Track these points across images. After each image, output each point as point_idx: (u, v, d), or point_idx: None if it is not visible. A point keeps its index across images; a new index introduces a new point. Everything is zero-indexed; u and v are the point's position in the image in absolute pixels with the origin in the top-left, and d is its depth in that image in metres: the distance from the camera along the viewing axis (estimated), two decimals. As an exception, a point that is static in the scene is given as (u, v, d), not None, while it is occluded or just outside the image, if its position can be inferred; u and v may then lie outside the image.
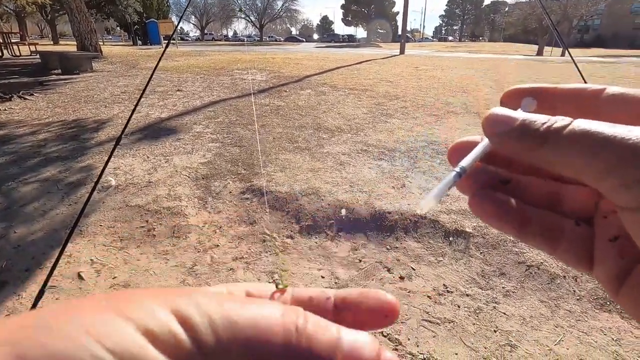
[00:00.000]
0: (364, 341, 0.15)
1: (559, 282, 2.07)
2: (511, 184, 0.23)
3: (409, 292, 2.01)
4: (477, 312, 1.88)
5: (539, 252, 2.24)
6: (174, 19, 40.84)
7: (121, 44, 32.92)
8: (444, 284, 2.07)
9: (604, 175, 0.17)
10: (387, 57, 16.17)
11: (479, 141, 0.23)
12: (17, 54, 14.04)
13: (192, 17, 59.92)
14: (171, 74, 9.15)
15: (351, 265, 2.23)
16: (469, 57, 18.64)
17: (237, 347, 0.13)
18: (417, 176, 3.34)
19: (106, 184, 3.10)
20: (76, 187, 3.12)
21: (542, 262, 2.19)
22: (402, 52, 19.98)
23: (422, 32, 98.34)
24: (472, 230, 2.47)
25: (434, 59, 15.87)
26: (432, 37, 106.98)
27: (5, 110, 5.62)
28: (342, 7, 65.27)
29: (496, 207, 0.22)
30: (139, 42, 28.71)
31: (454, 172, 0.21)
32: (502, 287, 2.05)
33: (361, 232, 2.54)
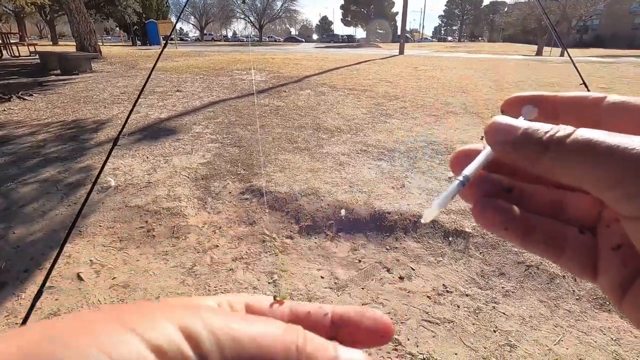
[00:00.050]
0: None
1: (558, 282, 2.07)
2: (514, 192, 0.23)
3: (408, 292, 2.01)
4: (477, 312, 1.88)
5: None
6: (173, 19, 40.82)
7: (120, 44, 32.91)
8: (443, 284, 2.07)
9: (607, 185, 0.17)
10: (387, 58, 16.18)
11: (481, 149, 0.23)
12: (16, 54, 14.04)
13: (192, 17, 59.99)
14: (170, 74, 9.14)
15: (351, 265, 2.23)
16: (468, 57, 18.65)
17: None
18: (417, 176, 3.34)
19: (105, 185, 3.10)
20: (75, 187, 3.12)
21: (541, 262, 2.19)
22: (401, 52, 19.99)
23: (421, 32, 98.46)
24: (472, 230, 2.47)
25: (433, 59, 15.88)
26: (432, 37, 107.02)
27: (4, 111, 5.61)
28: (342, 7, 65.30)
29: (500, 215, 0.22)
30: (139, 42, 28.72)
31: (458, 180, 0.21)
32: (502, 287, 2.05)
33: (361, 233, 2.54)
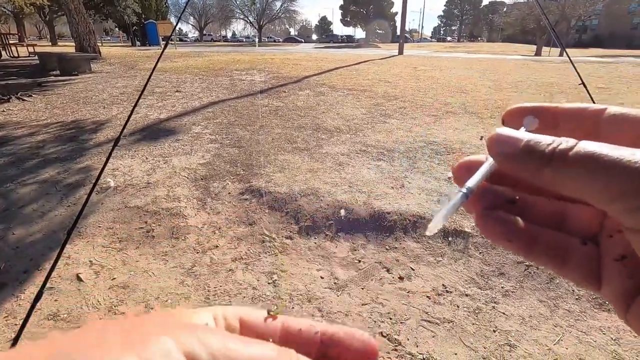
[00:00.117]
0: None
1: (557, 281, 2.07)
2: (517, 203, 0.23)
3: (408, 292, 2.01)
4: (477, 312, 1.88)
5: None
6: (172, 19, 40.79)
7: (120, 45, 32.89)
8: (443, 284, 2.07)
9: (610, 198, 0.17)
10: (386, 58, 16.19)
11: (484, 160, 0.23)
12: (16, 55, 14.04)
13: (191, 18, 59.97)
14: (170, 74, 9.14)
15: (350, 265, 2.23)
16: (468, 57, 18.66)
17: None
18: (416, 176, 3.35)
19: (105, 185, 3.10)
20: (75, 188, 3.12)
21: (541, 262, 2.19)
22: (400, 52, 20.00)
23: (420, 32, 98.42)
24: (471, 230, 2.47)
25: (432, 60, 15.89)
26: (431, 37, 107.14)
27: (3, 111, 5.61)
28: (341, 7, 65.29)
29: (503, 227, 0.22)
30: (138, 43, 28.70)
31: (461, 192, 0.21)
32: (501, 287, 2.05)
33: (360, 233, 2.54)
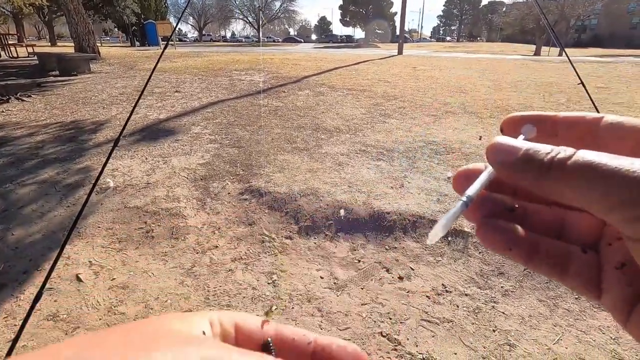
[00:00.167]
0: None
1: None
2: (517, 211, 0.24)
3: (408, 292, 2.02)
4: (476, 311, 1.88)
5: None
6: (172, 20, 40.82)
7: (119, 45, 32.87)
8: (442, 284, 2.07)
9: (609, 207, 0.17)
10: (385, 58, 16.19)
11: (483, 169, 0.23)
12: (15, 55, 14.02)
13: (190, 18, 59.94)
14: (169, 75, 9.14)
15: (350, 265, 2.23)
16: (467, 57, 18.67)
17: None
18: (416, 176, 3.35)
19: (104, 186, 3.09)
20: (74, 188, 3.12)
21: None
22: (400, 52, 20.00)
23: (420, 32, 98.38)
24: (471, 230, 2.47)
25: (432, 59, 15.89)
26: (430, 37, 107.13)
27: (2, 112, 5.60)
28: (340, 7, 65.26)
29: (503, 236, 0.22)
30: (137, 43, 28.68)
31: (461, 201, 0.21)
32: (501, 287, 2.05)
33: (360, 233, 2.54)
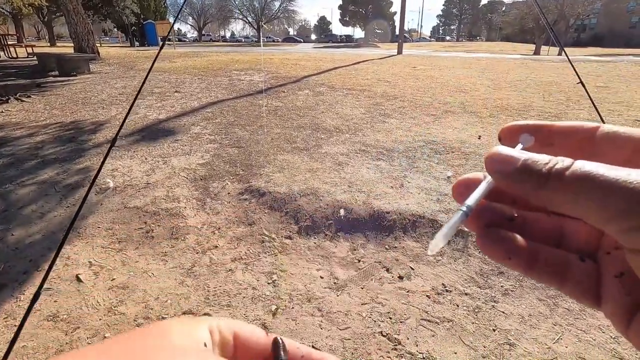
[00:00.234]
0: None
1: (557, 280, 2.07)
2: (516, 221, 0.24)
3: (407, 291, 2.02)
4: (476, 311, 1.88)
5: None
6: (171, 20, 40.75)
7: (118, 45, 32.85)
8: (442, 284, 2.07)
9: (606, 218, 0.17)
10: (385, 57, 16.19)
11: (482, 178, 0.23)
12: (14, 55, 14.01)
13: (190, 18, 59.88)
14: (169, 75, 9.14)
15: (350, 265, 2.23)
16: (467, 56, 18.67)
17: None
18: (416, 176, 3.35)
19: (104, 186, 3.09)
20: (74, 189, 3.12)
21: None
22: (399, 52, 20.01)
23: (419, 32, 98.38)
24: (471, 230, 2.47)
25: (431, 59, 15.89)
26: (430, 37, 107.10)
27: (2, 112, 5.60)
28: (340, 7, 65.23)
29: (502, 245, 0.22)
30: (137, 43, 28.66)
31: (461, 211, 0.22)
32: (501, 286, 2.06)
33: (360, 232, 2.54)
